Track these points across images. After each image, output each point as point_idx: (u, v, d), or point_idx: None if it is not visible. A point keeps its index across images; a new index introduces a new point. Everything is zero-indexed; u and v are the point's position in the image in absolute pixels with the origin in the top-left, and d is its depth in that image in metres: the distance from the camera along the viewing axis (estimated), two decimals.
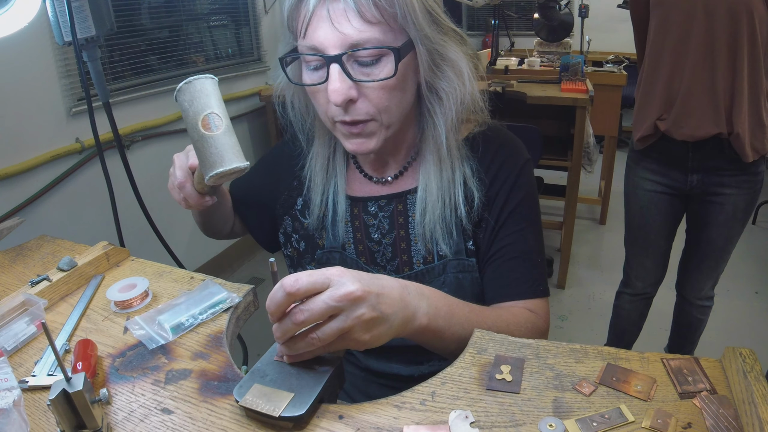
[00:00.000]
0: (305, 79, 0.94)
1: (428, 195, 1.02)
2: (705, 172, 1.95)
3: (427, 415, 0.71)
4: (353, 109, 0.91)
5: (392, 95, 0.92)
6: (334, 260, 1.11)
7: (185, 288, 1.03)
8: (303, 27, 0.87)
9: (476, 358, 0.81)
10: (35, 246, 1.22)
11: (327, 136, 1.09)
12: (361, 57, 0.87)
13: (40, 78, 2.36)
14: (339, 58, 0.86)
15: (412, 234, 1.06)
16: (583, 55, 3.69)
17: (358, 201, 1.11)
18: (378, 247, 1.09)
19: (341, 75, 0.86)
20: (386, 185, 1.10)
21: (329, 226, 1.11)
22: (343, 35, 0.85)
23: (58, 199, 2.51)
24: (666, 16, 1.86)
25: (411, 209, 1.07)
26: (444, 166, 1.01)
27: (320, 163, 1.11)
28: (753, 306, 3.22)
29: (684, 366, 0.78)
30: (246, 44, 3.88)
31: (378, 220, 1.09)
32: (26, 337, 0.89)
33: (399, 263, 1.07)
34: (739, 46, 1.75)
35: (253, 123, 3.83)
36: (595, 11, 4.65)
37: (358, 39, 0.85)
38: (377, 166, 1.11)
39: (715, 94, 1.81)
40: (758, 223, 4.27)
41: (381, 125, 0.94)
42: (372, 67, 0.88)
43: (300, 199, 1.16)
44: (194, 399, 0.76)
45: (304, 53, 0.90)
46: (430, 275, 1.05)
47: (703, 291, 2.21)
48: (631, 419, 0.69)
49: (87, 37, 1.51)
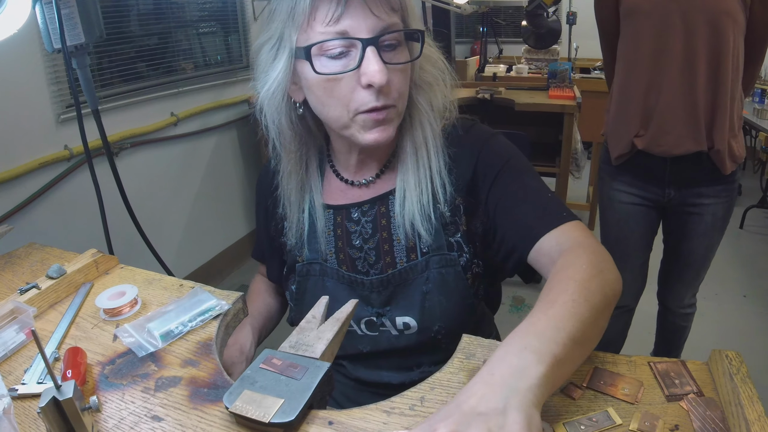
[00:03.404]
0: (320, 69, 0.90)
1: (406, 186, 1.02)
2: (682, 185, 1.90)
3: (416, 420, 0.72)
4: (384, 94, 0.90)
5: (406, 81, 0.94)
6: (315, 272, 1.10)
7: (174, 295, 1.03)
8: (334, 13, 0.85)
9: (465, 363, 0.82)
10: (24, 254, 1.22)
11: (297, 152, 1.07)
12: (388, 40, 0.89)
13: (29, 85, 2.35)
14: (376, 40, 0.87)
15: (395, 234, 1.06)
16: (570, 62, 3.72)
17: (340, 209, 1.09)
18: (359, 254, 1.08)
19: (378, 57, 0.87)
20: (366, 188, 1.09)
21: (306, 241, 1.11)
22: (377, 19, 0.86)
23: (46, 207, 2.49)
24: (639, 28, 1.79)
25: (393, 210, 1.06)
26: (420, 155, 1.02)
27: (294, 180, 1.09)
28: (741, 309, 3.24)
29: (671, 369, 0.78)
30: (235, 51, 3.88)
31: (361, 225, 1.08)
32: (15, 345, 0.89)
33: (383, 265, 1.06)
34: (723, 58, 1.69)
35: (241, 130, 3.83)
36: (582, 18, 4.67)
37: (389, 23, 0.88)
38: (359, 167, 1.09)
39: (695, 110, 1.75)
40: (745, 228, 4.31)
41: (397, 113, 0.95)
42: (393, 52, 0.90)
43: (285, 222, 1.14)
44: (184, 406, 0.76)
45: (335, 38, 0.87)
46: (413, 272, 1.05)
47: (685, 299, 2.18)
48: (618, 422, 0.69)
49: (76, 44, 1.51)
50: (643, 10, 1.76)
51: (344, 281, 1.08)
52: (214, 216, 3.65)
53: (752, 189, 4.84)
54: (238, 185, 3.88)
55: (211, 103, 3.51)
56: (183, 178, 3.35)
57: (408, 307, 1.04)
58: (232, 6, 3.74)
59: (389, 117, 0.93)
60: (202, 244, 3.57)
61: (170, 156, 3.24)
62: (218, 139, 3.63)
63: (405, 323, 1.05)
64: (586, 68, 4.70)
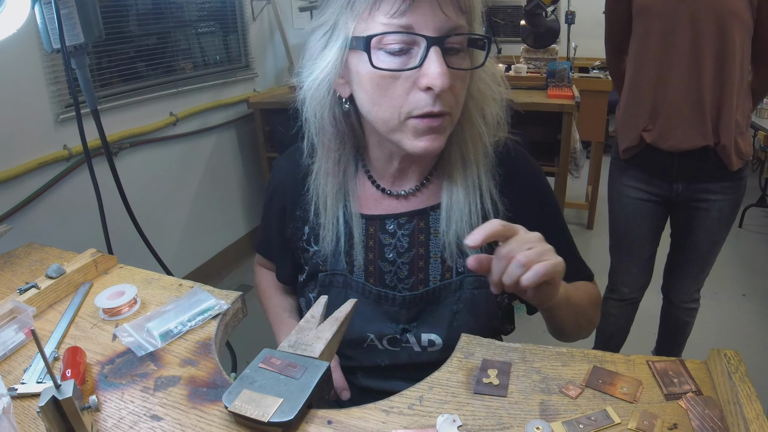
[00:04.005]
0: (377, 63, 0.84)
1: (454, 203, 0.97)
2: (690, 180, 1.94)
3: (414, 420, 0.72)
4: (442, 99, 0.84)
5: (464, 89, 0.89)
6: (338, 283, 1.04)
7: (174, 295, 1.03)
8: (401, 5, 0.80)
9: (463, 362, 0.82)
10: (23, 253, 1.22)
11: (338, 151, 1.01)
12: (453, 43, 0.84)
13: (28, 85, 2.35)
14: (442, 41, 0.82)
15: (432, 251, 1.01)
16: (569, 62, 3.71)
17: (373, 220, 1.03)
18: (390, 267, 1.03)
19: (441, 59, 0.81)
20: (405, 200, 1.04)
21: (343, 252, 1.03)
22: (446, 18, 0.81)
23: (46, 207, 2.49)
24: (649, 26, 1.84)
25: (434, 226, 1.02)
26: (470, 171, 0.98)
27: (331, 182, 1.02)
28: (741, 308, 3.24)
29: (669, 368, 0.79)
30: (234, 51, 3.88)
31: (396, 239, 1.03)
32: (15, 344, 0.89)
33: (415, 281, 1.02)
34: (729, 57, 1.73)
35: (241, 130, 3.83)
36: (581, 18, 4.68)
37: (456, 24, 0.82)
38: (397, 177, 1.03)
39: (701, 106, 1.79)
40: (745, 226, 4.30)
41: (451, 122, 0.90)
42: (455, 57, 0.85)
43: (306, 227, 1.09)
44: (183, 405, 0.76)
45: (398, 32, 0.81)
46: (446, 291, 1.01)
47: (690, 294, 2.22)
48: (617, 421, 0.69)
49: (75, 44, 1.51)
50: (653, 9, 1.81)
51: (370, 296, 1.03)
52: (213, 216, 3.65)
53: (751, 188, 4.81)
54: (237, 185, 3.87)
55: (210, 102, 3.51)
56: (182, 177, 3.35)
57: (435, 325, 1.01)
58: (231, 6, 3.74)
59: (443, 125, 0.87)
60: (201, 244, 3.57)
61: (169, 156, 3.23)
62: (217, 139, 3.63)
63: (430, 340, 1.02)
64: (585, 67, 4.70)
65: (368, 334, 1.03)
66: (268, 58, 4.16)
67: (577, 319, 0.99)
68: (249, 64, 3.94)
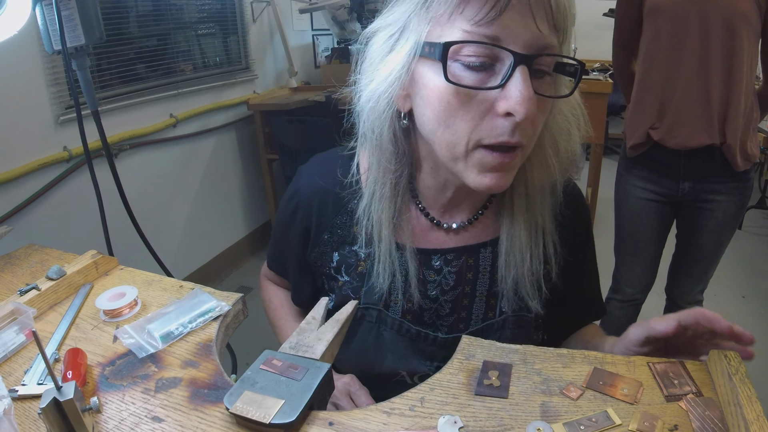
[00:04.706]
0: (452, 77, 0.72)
1: (515, 244, 0.89)
2: (696, 180, 1.95)
3: (416, 421, 0.72)
4: (522, 129, 0.73)
5: (542, 121, 0.77)
6: (371, 318, 0.95)
7: (174, 297, 1.03)
8: (489, 11, 0.68)
9: (464, 363, 0.82)
10: (23, 255, 1.22)
11: (395, 173, 0.89)
12: (542, 64, 0.72)
13: (29, 86, 2.35)
14: (532, 60, 0.70)
15: (478, 291, 0.94)
16: None
17: (419, 253, 0.94)
18: (431, 305, 0.95)
19: (528, 81, 0.69)
20: (453, 234, 0.95)
21: (401, 290, 0.93)
22: (539, 33, 0.69)
23: (46, 208, 2.49)
24: (659, 26, 1.86)
25: (483, 264, 0.94)
26: (532, 208, 0.88)
27: (387, 209, 0.89)
28: (740, 310, 3.24)
29: (670, 369, 0.78)
30: (234, 53, 3.88)
31: (442, 276, 0.94)
32: (15, 346, 0.89)
33: (455, 320, 0.95)
34: (737, 58, 1.75)
35: (241, 132, 3.83)
36: (581, 20, 4.67)
37: (548, 43, 0.71)
38: (449, 206, 0.94)
39: (709, 105, 1.81)
40: (745, 228, 4.31)
41: (523, 156, 0.79)
42: (540, 81, 0.73)
43: (336, 254, 0.99)
44: (184, 407, 0.76)
45: (483, 42, 0.70)
46: (487, 332, 0.94)
47: (693, 295, 2.22)
48: (618, 422, 0.69)
49: (76, 45, 1.51)
50: (664, 10, 1.84)
51: (407, 334, 0.95)
52: (214, 217, 3.65)
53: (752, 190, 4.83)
54: (237, 186, 3.88)
55: (211, 104, 3.51)
56: (182, 179, 3.35)
57: None
58: (231, 8, 3.75)
59: (515, 162, 0.77)
60: (201, 246, 3.57)
61: (169, 157, 3.24)
62: (217, 141, 3.63)
63: None
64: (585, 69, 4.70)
65: (400, 371, 0.97)
66: (268, 59, 4.16)
67: None
68: (249, 65, 3.94)
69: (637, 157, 2.04)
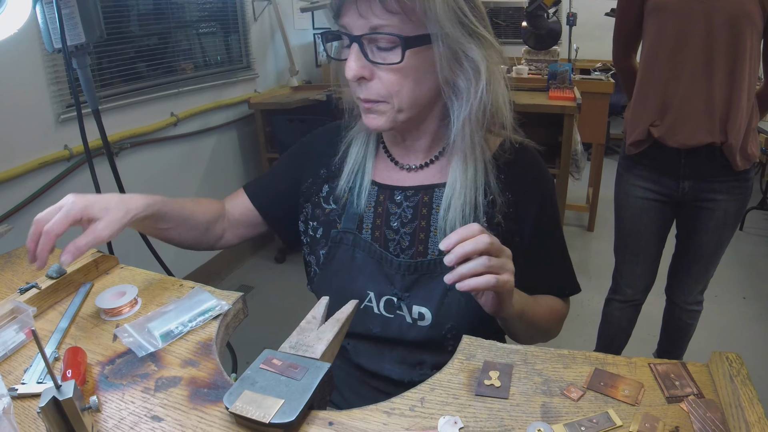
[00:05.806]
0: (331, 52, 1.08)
1: (454, 190, 1.04)
2: (696, 179, 1.95)
3: (416, 421, 0.72)
4: (366, 87, 0.97)
5: (404, 82, 0.97)
6: (347, 241, 1.12)
7: (174, 296, 1.03)
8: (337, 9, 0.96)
9: (465, 364, 0.82)
10: (24, 253, 1.22)
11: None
12: (378, 41, 0.94)
13: (29, 85, 2.35)
14: (359, 39, 0.94)
15: (432, 226, 1.08)
16: (570, 63, 3.71)
17: (385, 189, 1.13)
18: (394, 236, 1.10)
19: (358, 54, 0.94)
20: (413, 174, 1.13)
21: (372, 219, 1.13)
22: (365, 20, 0.92)
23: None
24: (663, 25, 1.86)
25: (436, 202, 1.09)
26: (469, 164, 1.04)
27: (358, 145, 1.15)
28: (741, 311, 3.24)
29: (671, 371, 0.78)
30: (235, 51, 3.88)
31: (401, 209, 1.11)
32: (15, 344, 0.89)
33: (414, 252, 1.09)
34: (740, 57, 1.75)
35: (242, 131, 3.83)
36: (582, 20, 4.68)
37: (377, 24, 0.92)
38: (402, 151, 1.14)
39: (711, 103, 1.81)
40: (745, 229, 4.31)
41: (392, 108, 0.99)
42: (388, 53, 0.94)
43: (326, 186, 1.18)
44: (184, 406, 0.76)
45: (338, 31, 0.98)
46: (441, 266, 1.03)
47: (693, 295, 2.22)
48: (618, 423, 0.69)
49: (77, 44, 1.51)
50: (669, 8, 1.83)
51: (374, 256, 1.10)
52: None
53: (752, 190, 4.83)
54: (238, 185, 3.83)
55: (211, 103, 3.51)
56: (183, 178, 3.35)
57: (427, 298, 1.05)
58: (231, 6, 3.75)
59: (377, 109, 0.99)
60: None
61: (170, 156, 3.24)
62: (218, 140, 3.63)
63: (420, 313, 1.05)
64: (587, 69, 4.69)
65: (369, 291, 1.09)
66: (269, 58, 4.16)
67: (528, 331, 1.07)
68: (250, 64, 3.94)
69: (637, 156, 2.04)
